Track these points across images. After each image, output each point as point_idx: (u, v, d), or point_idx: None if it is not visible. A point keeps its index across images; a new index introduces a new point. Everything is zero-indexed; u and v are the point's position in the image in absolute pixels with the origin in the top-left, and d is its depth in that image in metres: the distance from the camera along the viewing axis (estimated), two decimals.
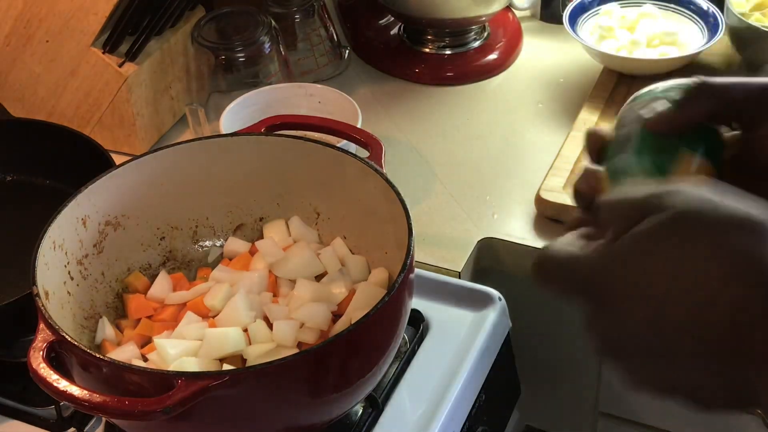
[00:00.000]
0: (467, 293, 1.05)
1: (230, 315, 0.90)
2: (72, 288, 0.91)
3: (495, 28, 1.46)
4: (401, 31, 1.48)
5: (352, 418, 0.93)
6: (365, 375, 0.83)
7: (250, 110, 1.16)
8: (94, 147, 1.13)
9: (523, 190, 1.19)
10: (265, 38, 1.23)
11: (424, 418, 0.93)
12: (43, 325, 0.78)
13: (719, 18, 1.31)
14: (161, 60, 1.27)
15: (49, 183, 1.19)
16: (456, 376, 0.96)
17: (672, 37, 1.32)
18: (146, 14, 1.21)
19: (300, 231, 1.00)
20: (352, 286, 0.94)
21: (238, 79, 1.23)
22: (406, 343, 1.00)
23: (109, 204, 0.95)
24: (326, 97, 1.18)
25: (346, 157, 0.95)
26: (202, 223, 1.03)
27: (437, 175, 1.23)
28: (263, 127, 1.00)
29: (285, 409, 0.80)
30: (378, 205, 0.93)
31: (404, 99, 1.38)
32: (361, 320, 0.79)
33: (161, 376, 0.76)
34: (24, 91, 1.29)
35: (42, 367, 0.74)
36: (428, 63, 1.43)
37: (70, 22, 1.20)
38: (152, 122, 1.29)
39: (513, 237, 1.13)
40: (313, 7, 1.38)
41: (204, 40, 1.22)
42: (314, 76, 1.38)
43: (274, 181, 1.01)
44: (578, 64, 1.39)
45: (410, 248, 0.84)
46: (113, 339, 0.92)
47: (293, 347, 0.88)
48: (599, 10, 1.37)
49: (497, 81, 1.40)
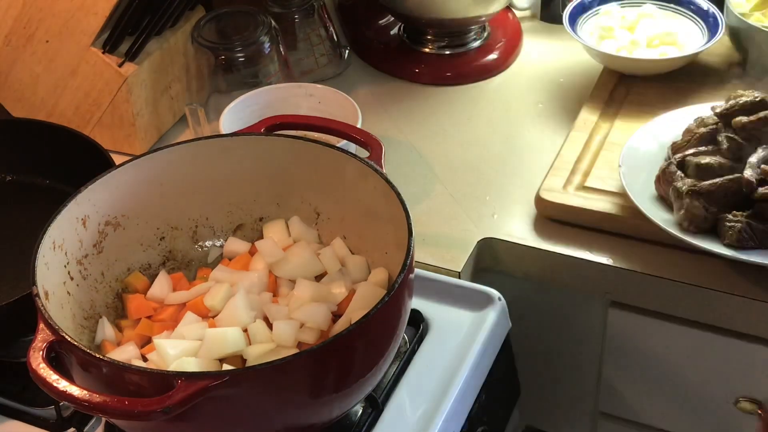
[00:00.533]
0: (467, 293, 1.05)
1: (230, 315, 0.90)
2: (72, 288, 0.91)
3: (495, 28, 1.46)
4: (401, 31, 1.48)
5: (352, 418, 0.93)
6: (365, 375, 0.83)
7: (250, 110, 1.16)
8: (94, 147, 1.13)
9: (523, 190, 1.19)
10: (265, 38, 1.23)
11: (424, 418, 0.93)
12: (43, 325, 0.78)
13: (719, 18, 1.31)
14: (161, 60, 1.27)
15: (49, 183, 1.19)
16: (456, 376, 0.96)
17: (672, 37, 1.32)
18: (146, 14, 1.21)
19: (300, 231, 1.00)
20: (352, 286, 0.94)
21: (238, 79, 1.23)
22: (406, 343, 1.00)
23: (109, 204, 0.95)
24: (326, 97, 1.18)
25: (346, 157, 0.95)
26: (202, 223, 1.03)
27: (437, 175, 1.23)
28: (263, 127, 1.00)
29: (285, 409, 0.80)
30: (378, 205, 0.93)
31: (404, 99, 1.38)
32: (361, 320, 0.79)
33: (161, 376, 0.76)
34: (24, 91, 1.29)
35: (42, 367, 0.75)
36: (428, 63, 1.43)
37: (70, 22, 1.20)
38: (152, 122, 1.29)
39: (513, 237, 1.13)
40: (313, 7, 1.38)
41: (204, 40, 1.22)
42: (314, 76, 1.38)
43: (274, 181, 1.01)
44: (578, 64, 1.39)
45: (410, 248, 0.84)
46: (113, 339, 0.92)
47: (293, 347, 0.88)
48: (599, 10, 1.37)
49: (497, 81, 1.40)
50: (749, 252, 1.01)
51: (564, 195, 1.13)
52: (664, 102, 1.26)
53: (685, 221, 1.04)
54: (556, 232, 1.13)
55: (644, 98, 1.27)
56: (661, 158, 1.13)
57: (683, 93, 1.28)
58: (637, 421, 1.23)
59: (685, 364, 1.15)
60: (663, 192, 1.08)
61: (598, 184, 1.14)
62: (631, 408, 1.22)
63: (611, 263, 1.08)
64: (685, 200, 1.03)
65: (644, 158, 1.13)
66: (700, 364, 1.14)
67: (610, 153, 1.18)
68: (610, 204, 1.12)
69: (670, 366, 1.16)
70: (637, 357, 1.17)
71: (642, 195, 1.08)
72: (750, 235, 1.01)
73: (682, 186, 1.04)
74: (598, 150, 1.20)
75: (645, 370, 1.18)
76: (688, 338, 1.12)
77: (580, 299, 1.15)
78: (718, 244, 1.03)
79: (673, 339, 1.13)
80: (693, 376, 1.15)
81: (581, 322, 1.18)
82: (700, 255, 1.05)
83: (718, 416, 1.17)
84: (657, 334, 1.13)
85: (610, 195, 1.13)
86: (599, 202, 1.12)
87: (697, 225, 1.03)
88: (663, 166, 1.09)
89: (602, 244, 1.10)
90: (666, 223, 1.05)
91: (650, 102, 1.26)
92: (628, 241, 1.10)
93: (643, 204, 1.07)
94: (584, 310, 1.17)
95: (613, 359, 1.19)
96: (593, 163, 1.18)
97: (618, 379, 1.21)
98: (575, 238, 1.11)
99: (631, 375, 1.19)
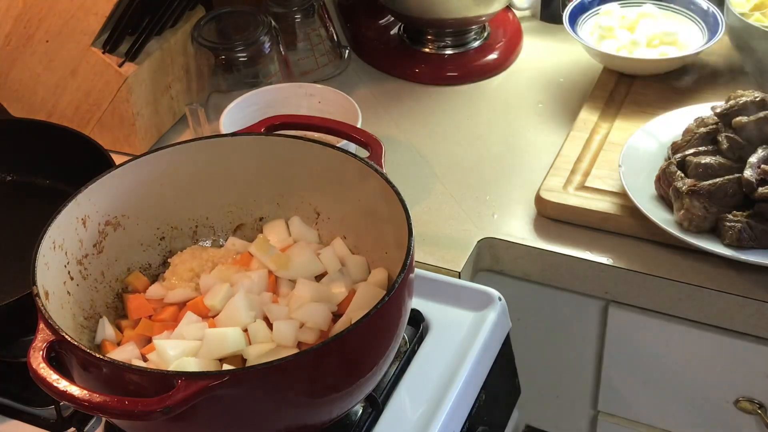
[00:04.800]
0: (467, 293, 1.05)
1: (230, 315, 0.90)
2: (72, 288, 0.91)
3: (495, 28, 1.46)
4: (401, 31, 1.48)
5: (352, 418, 0.93)
6: (365, 375, 0.83)
7: (250, 110, 1.16)
8: (94, 147, 1.13)
9: (523, 190, 1.19)
10: (265, 38, 1.23)
11: (424, 418, 0.93)
12: (43, 325, 0.78)
13: (719, 18, 1.31)
14: (161, 60, 1.27)
15: (49, 183, 1.19)
16: (456, 376, 0.96)
17: (672, 37, 1.32)
18: (146, 14, 1.21)
19: (300, 231, 1.00)
20: (352, 286, 0.94)
21: (238, 79, 1.23)
22: (406, 343, 1.00)
23: (109, 204, 0.95)
24: (326, 97, 1.18)
25: (346, 157, 0.95)
26: (202, 223, 1.03)
27: (437, 175, 1.23)
28: (263, 127, 1.00)
29: (285, 409, 0.80)
30: (378, 205, 0.93)
31: (404, 99, 1.38)
32: (361, 320, 0.79)
33: (161, 376, 0.76)
34: (24, 91, 1.29)
35: (42, 367, 0.74)
36: (428, 63, 1.43)
37: (70, 22, 1.20)
38: (152, 122, 1.29)
39: (513, 237, 1.13)
40: (313, 7, 1.38)
41: (204, 40, 1.22)
42: (314, 76, 1.38)
43: (274, 181, 1.01)
44: (578, 64, 1.39)
45: (410, 248, 0.84)
46: (113, 339, 0.92)
47: (293, 347, 0.88)
48: (599, 10, 1.37)
49: (497, 81, 1.41)
50: (749, 252, 1.01)
51: (564, 195, 1.13)
52: (664, 102, 1.26)
53: (685, 221, 1.04)
54: (556, 232, 1.13)
55: (644, 98, 1.27)
56: (661, 158, 1.13)
57: (683, 93, 1.28)
58: (637, 421, 1.23)
59: (685, 364, 1.15)
60: (663, 192, 1.08)
61: (598, 184, 1.14)
62: (630, 408, 1.22)
63: (611, 263, 1.08)
64: (685, 200, 1.03)
65: (644, 158, 1.13)
66: (700, 364, 1.14)
67: (610, 153, 1.18)
68: (610, 204, 1.12)
69: (670, 366, 1.16)
70: (637, 357, 1.17)
71: (642, 195, 1.08)
72: (750, 235, 1.01)
73: (682, 186, 1.04)
74: (598, 150, 1.20)
75: (645, 370, 1.18)
76: (688, 338, 1.12)
77: (580, 299, 1.15)
78: (718, 244, 1.03)
79: (673, 339, 1.13)
80: (693, 376, 1.15)
81: (581, 322, 1.18)
82: (700, 255, 1.05)
83: (718, 416, 1.17)
84: (657, 334, 1.13)
85: (610, 195, 1.13)
86: (599, 202, 1.12)
87: (697, 225, 1.03)
88: (663, 166, 1.09)
89: (602, 244, 1.10)
90: (666, 223, 1.05)
91: (650, 102, 1.26)
92: (628, 241, 1.10)
93: (643, 204, 1.07)
94: (584, 310, 1.17)
95: (612, 359, 1.19)
96: (593, 163, 1.18)
97: (618, 379, 1.21)
98: (575, 238, 1.12)
99: (631, 375, 1.19)
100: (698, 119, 1.15)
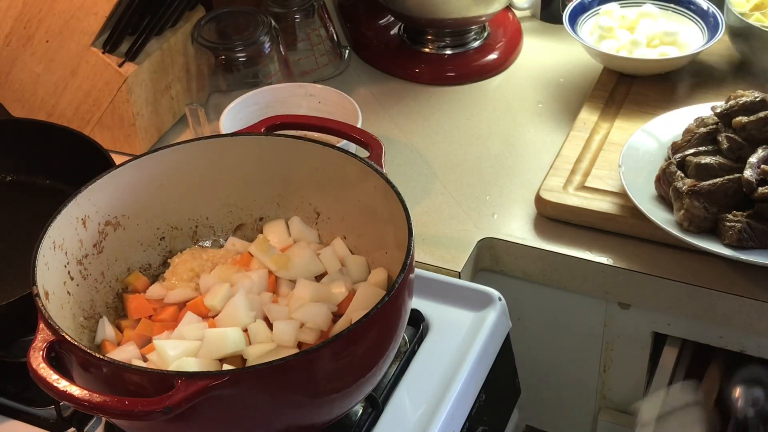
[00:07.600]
0: (467, 293, 1.05)
1: (230, 315, 0.90)
2: (72, 288, 0.91)
3: (495, 28, 1.46)
4: (401, 31, 1.48)
5: (352, 418, 0.93)
6: (365, 375, 0.83)
7: (250, 110, 1.16)
8: (94, 147, 1.13)
9: (523, 190, 1.19)
10: (265, 38, 1.23)
11: (424, 418, 0.93)
12: (43, 325, 0.78)
13: (719, 18, 1.31)
14: (161, 60, 1.27)
15: (49, 183, 1.19)
16: (456, 376, 0.96)
17: (672, 37, 1.32)
18: (146, 14, 1.21)
19: (300, 231, 1.00)
20: (352, 286, 0.94)
21: (238, 79, 1.23)
22: (406, 343, 1.00)
23: (109, 204, 0.95)
24: (326, 97, 1.18)
25: (346, 157, 0.95)
26: (202, 223, 1.03)
27: (437, 175, 1.23)
28: (263, 127, 1.00)
29: (285, 409, 0.80)
30: (378, 205, 0.93)
31: (404, 99, 1.38)
32: (361, 320, 0.79)
33: (161, 376, 0.76)
34: (24, 91, 1.29)
35: (42, 367, 0.74)
36: (428, 63, 1.43)
37: (70, 22, 1.20)
38: (152, 122, 1.29)
39: (513, 237, 1.13)
40: (313, 7, 1.38)
41: (204, 40, 1.22)
42: (314, 76, 1.38)
43: (274, 181, 1.01)
44: (578, 64, 1.39)
45: (410, 248, 0.84)
46: (113, 339, 0.92)
47: (293, 347, 0.88)
48: (599, 10, 1.37)
49: (497, 81, 1.41)
50: (749, 252, 1.01)
51: (564, 195, 1.13)
52: (664, 102, 1.26)
53: (685, 221, 1.04)
54: (556, 232, 1.13)
55: (644, 98, 1.27)
56: (661, 158, 1.13)
57: (683, 93, 1.28)
58: None
59: None
60: (663, 192, 1.08)
61: (598, 184, 1.14)
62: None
63: (611, 263, 1.08)
64: (685, 200, 1.03)
65: (644, 158, 1.13)
66: None
67: (610, 153, 1.18)
68: (610, 204, 1.12)
69: None
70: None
71: (642, 195, 1.08)
72: (750, 235, 1.01)
73: (682, 186, 1.04)
74: (598, 150, 1.20)
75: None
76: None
77: (580, 299, 1.15)
78: (718, 244, 1.03)
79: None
80: None
81: (581, 322, 1.18)
82: (700, 255, 1.05)
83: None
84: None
85: (610, 195, 1.13)
86: (599, 202, 1.12)
87: (697, 225, 1.03)
88: (663, 166, 1.09)
89: (602, 244, 1.10)
90: (666, 223, 1.05)
91: (650, 102, 1.26)
92: (628, 241, 1.10)
93: (643, 204, 1.07)
94: (584, 310, 1.17)
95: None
96: (593, 163, 1.18)
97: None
98: (575, 238, 1.12)
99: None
100: (698, 119, 1.15)
